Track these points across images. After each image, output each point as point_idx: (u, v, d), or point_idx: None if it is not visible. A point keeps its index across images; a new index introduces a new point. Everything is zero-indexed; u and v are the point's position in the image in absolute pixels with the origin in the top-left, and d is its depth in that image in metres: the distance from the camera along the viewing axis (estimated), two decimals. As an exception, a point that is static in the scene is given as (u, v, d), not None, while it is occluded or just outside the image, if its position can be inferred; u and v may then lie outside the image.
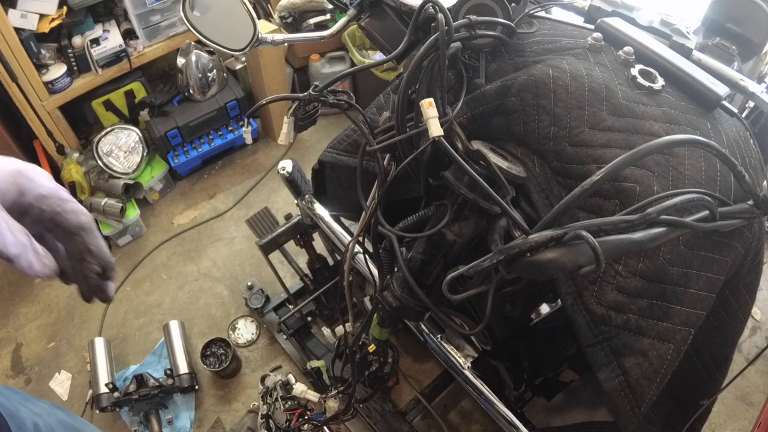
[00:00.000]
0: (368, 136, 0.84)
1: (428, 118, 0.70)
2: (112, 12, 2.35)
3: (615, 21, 0.94)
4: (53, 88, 2.21)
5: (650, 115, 0.81)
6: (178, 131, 2.50)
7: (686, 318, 0.77)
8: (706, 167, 0.78)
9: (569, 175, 0.79)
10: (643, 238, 0.61)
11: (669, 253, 0.75)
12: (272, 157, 2.84)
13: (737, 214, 0.72)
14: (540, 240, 0.60)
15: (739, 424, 1.96)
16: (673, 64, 0.87)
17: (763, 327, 2.23)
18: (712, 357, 0.94)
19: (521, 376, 1.33)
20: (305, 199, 1.31)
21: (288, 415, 1.43)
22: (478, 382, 1.03)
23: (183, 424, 1.91)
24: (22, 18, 1.99)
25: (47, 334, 2.19)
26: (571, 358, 1.30)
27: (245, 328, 2.17)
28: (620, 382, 0.78)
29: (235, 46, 1.03)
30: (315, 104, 0.93)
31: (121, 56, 2.33)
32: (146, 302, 2.28)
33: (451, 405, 1.95)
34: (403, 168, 0.78)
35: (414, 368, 2.03)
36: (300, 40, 1.14)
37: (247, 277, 2.29)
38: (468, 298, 0.74)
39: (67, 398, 2.00)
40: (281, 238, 1.76)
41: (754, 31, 1.52)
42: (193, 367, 1.97)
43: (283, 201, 2.62)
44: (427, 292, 0.81)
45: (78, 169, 2.37)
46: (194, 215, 2.59)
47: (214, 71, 2.53)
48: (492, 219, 0.76)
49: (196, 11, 1.00)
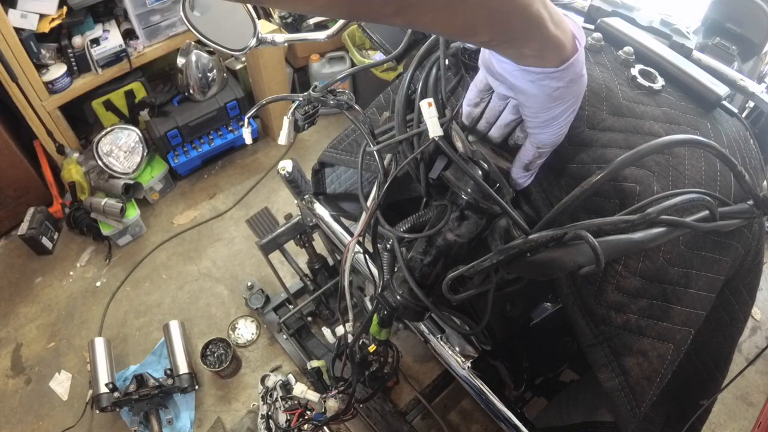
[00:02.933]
0: (368, 136, 0.84)
1: (428, 118, 0.70)
2: (112, 12, 2.35)
3: (615, 21, 0.94)
4: (53, 88, 2.22)
5: (650, 115, 0.81)
6: (178, 131, 2.51)
7: (686, 318, 0.77)
8: (706, 167, 0.78)
9: (569, 175, 0.79)
10: (643, 238, 0.61)
11: (669, 253, 0.75)
12: (272, 157, 2.84)
13: (737, 214, 0.72)
14: (540, 240, 0.60)
15: (739, 424, 1.96)
16: (673, 64, 0.87)
17: (763, 327, 2.23)
18: (712, 357, 0.94)
19: (521, 376, 1.33)
20: (305, 199, 1.31)
21: (288, 415, 1.43)
22: (478, 382, 1.03)
23: (183, 424, 1.91)
24: (22, 18, 1.99)
25: (47, 334, 2.19)
26: (571, 358, 1.30)
27: (245, 328, 2.17)
28: (620, 382, 0.78)
29: (235, 46, 1.02)
30: (315, 104, 0.93)
31: (121, 56, 2.33)
32: (146, 302, 2.28)
33: (451, 405, 1.95)
34: (403, 168, 0.78)
35: (414, 368, 2.03)
36: (300, 40, 1.14)
37: (247, 277, 2.29)
38: (468, 298, 0.74)
39: (67, 398, 2.00)
40: (281, 238, 1.76)
41: (754, 31, 1.52)
42: (193, 367, 1.97)
43: (283, 201, 2.62)
44: (427, 292, 0.81)
45: (78, 169, 2.37)
46: (194, 215, 2.59)
47: (214, 71, 2.53)
48: (492, 219, 0.76)
49: (196, 11, 1.00)
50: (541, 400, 1.47)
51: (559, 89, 0.57)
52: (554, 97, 0.58)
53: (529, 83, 0.57)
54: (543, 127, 0.63)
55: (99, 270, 2.39)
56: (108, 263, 2.41)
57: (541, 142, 0.65)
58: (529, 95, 0.59)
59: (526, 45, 0.53)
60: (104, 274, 2.38)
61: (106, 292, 2.31)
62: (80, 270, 2.40)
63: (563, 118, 0.62)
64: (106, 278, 2.36)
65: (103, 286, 2.34)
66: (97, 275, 2.37)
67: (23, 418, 1.96)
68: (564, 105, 0.60)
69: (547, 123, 0.62)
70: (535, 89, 0.58)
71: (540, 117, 0.61)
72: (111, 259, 2.42)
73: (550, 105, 0.59)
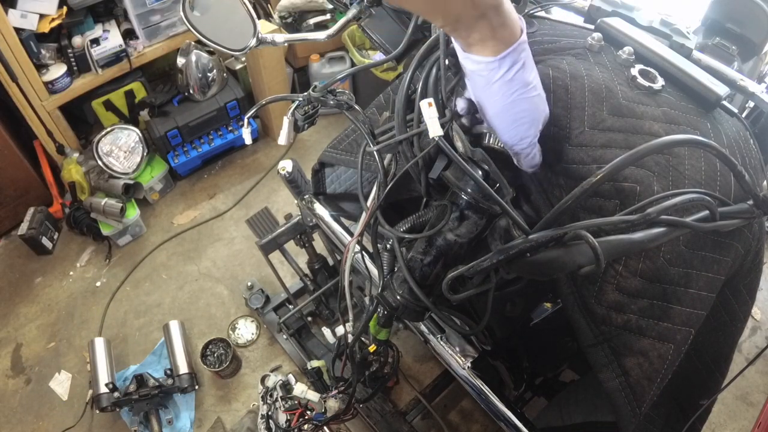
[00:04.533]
0: (368, 136, 0.84)
1: (428, 118, 0.70)
2: (112, 12, 2.35)
3: (615, 21, 0.94)
4: (53, 88, 2.22)
5: (650, 115, 0.81)
6: (178, 131, 2.51)
7: (687, 318, 0.77)
8: (706, 167, 0.78)
9: (569, 175, 0.79)
10: (643, 238, 0.61)
11: (669, 253, 0.75)
12: (272, 157, 2.84)
13: (737, 214, 0.72)
14: (540, 240, 0.60)
15: (739, 424, 1.96)
16: (673, 64, 0.87)
17: (763, 327, 2.23)
18: (712, 357, 0.94)
19: (521, 376, 1.33)
20: (305, 199, 1.31)
21: (288, 415, 1.43)
22: (478, 382, 1.02)
23: (183, 424, 1.91)
24: (22, 18, 1.99)
25: (47, 334, 2.19)
26: (571, 358, 1.30)
27: (245, 328, 2.17)
28: (621, 383, 0.78)
29: (235, 46, 1.02)
30: (315, 104, 0.93)
31: (121, 56, 2.33)
32: (146, 302, 2.28)
33: (451, 405, 1.95)
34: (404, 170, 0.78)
35: (414, 368, 2.03)
36: (300, 40, 1.14)
37: (247, 277, 2.29)
38: (468, 298, 0.74)
39: (67, 398, 2.00)
40: (281, 238, 1.76)
41: (754, 31, 1.52)
42: (193, 367, 1.97)
43: (283, 201, 2.62)
44: (427, 292, 0.81)
45: (78, 169, 2.37)
46: (194, 215, 2.59)
47: (214, 71, 2.53)
48: (492, 219, 0.76)
49: (196, 11, 1.00)
50: (541, 400, 1.47)
51: (498, 82, 0.61)
52: (494, 90, 0.62)
53: (471, 72, 0.63)
54: (498, 124, 0.66)
55: (99, 270, 2.39)
56: (108, 263, 2.41)
57: (506, 141, 0.68)
58: (474, 87, 0.65)
59: (471, 32, 0.58)
60: (104, 274, 2.38)
61: (106, 292, 2.31)
62: (80, 270, 2.40)
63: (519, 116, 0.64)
64: (106, 278, 2.36)
65: (103, 286, 2.34)
66: (97, 275, 2.37)
67: (23, 418, 1.96)
68: (506, 100, 0.62)
69: (498, 118, 0.65)
70: (476, 77, 0.63)
71: (489, 112, 0.65)
72: (111, 259, 2.42)
73: (493, 99, 0.63)
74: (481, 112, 0.68)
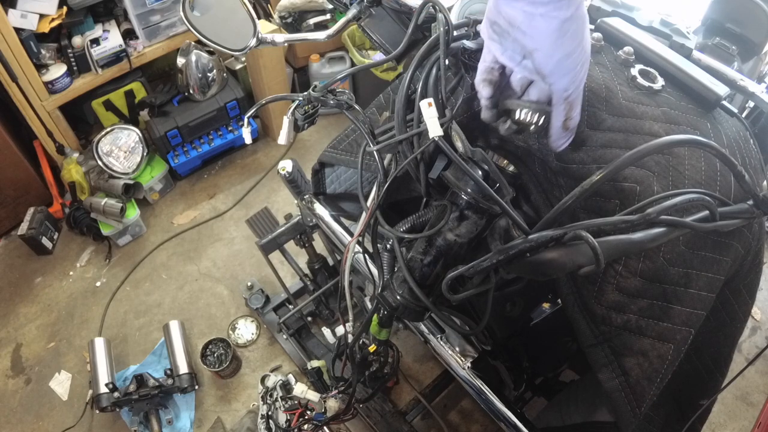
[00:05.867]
0: (368, 136, 0.84)
1: (428, 118, 0.70)
2: (112, 12, 2.35)
3: (615, 21, 0.94)
4: (53, 88, 2.22)
5: (650, 115, 0.81)
6: (178, 131, 2.51)
7: (686, 318, 0.77)
8: (706, 167, 0.78)
9: (569, 175, 0.79)
10: (643, 238, 0.61)
11: (669, 253, 0.75)
12: (272, 157, 2.84)
13: (737, 214, 0.72)
14: (540, 240, 0.60)
15: (739, 424, 1.96)
16: (673, 64, 0.87)
17: (763, 327, 2.23)
18: (712, 357, 0.94)
19: (521, 376, 1.33)
20: (305, 199, 1.31)
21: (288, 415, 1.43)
22: (478, 382, 1.02)
23: (183, 424, 1.91)
24: (22, 18, 1.99)
25: (47, 334, 2.19)
26: (571, 358, 1.30)
27: (245, 328, 2.17)
28: (620, 383, 0.78)
29: (235, 46, 1.02)
30: (315, 104, 0.93)
31: (121, 56, 2.33)
32: (146, 302, 2.28)
33: (451, 405, 1.95)
34: (403, 168, 0.78)
35: (414, 368, 2.03)
36: (300, 40, 1.14)
37: (247, 277, 2.29)
38: (468, 298, 0.74)
39: (67, 398, 2.00)
40: (281, 238, 1.76)
41: (754, 31, 1.52)
42: (193, 367, 1.97)
43: (283, 201, 2.62)
44: (427, 292, 0.81)
45: (78, 169, 2.37)
46: (194, 215, 2.59)
47: (214, 71, 2.53)
48: (492, 219, 0.76)
49: (196, 11, 1.00)
50: (541, 400, 1.47)
51: (567, 21, 0.60)
52: (563, 31, 0.61)
53: (539, 18, 0.60)
54: (559, 69, 0.64)
55: (99, 270, 2.39)
56: (108, 263, 2.41)
57: (563, 87, 0.66)
58: (537, 34, 0.62)
59: None
60: (104, 274, 2.38)
61: (106, 292, 2.31)
62: (80, 270, 2.40)
63: (576, 54, 0.63)
64: (106, 278, 2.36)
65: (103, 286, 2.34)
66: (97, 275, 2.37)
67: (23, 418, 1.96)
68: (574, 40, 0.62)
69: (561, 62, 0.63)
70: (543, 24, 0.60)
71: (554, 57, 0.63)
72: (111, 259, 2.42)
73: (561, 40, 0.61)
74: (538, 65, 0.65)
